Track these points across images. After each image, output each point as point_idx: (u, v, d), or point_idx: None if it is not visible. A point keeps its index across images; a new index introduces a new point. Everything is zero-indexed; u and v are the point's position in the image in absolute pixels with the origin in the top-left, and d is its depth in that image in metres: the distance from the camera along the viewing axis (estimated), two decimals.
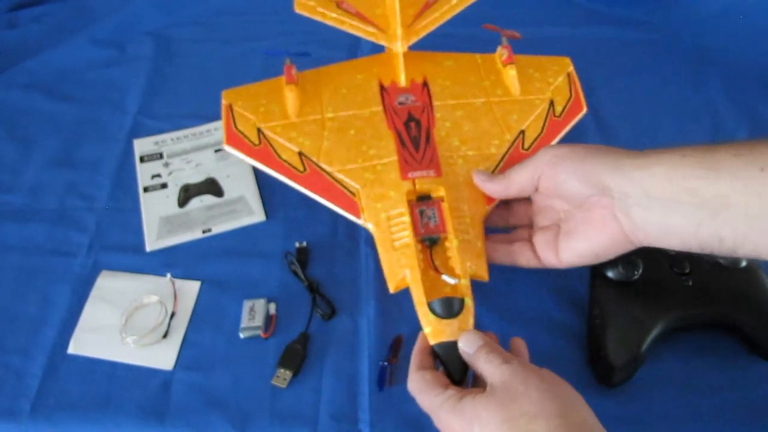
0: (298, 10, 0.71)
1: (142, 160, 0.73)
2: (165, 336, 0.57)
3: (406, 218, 0.55)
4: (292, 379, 0.54)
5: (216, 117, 0.77)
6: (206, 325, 0.58)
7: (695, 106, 0.79)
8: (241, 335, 0.57)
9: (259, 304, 0.59)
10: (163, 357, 0.56)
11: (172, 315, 0.58)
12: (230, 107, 0.67)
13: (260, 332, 0.57)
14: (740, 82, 0.81)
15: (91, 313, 0.59)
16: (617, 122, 0.76)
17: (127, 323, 0.58)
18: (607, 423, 0.51)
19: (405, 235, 0.54)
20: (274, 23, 0.92)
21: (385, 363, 0.53)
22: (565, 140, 0.63)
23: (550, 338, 0.56)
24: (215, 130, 0.76)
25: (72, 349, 0.57)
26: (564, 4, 0.94)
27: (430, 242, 0.54)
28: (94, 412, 0.53)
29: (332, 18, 0.70)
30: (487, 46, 0.71)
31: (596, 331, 0.53)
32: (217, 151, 0.73)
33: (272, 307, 0.59)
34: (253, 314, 0.58)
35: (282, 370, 0.54)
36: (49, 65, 0.86)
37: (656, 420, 0.51)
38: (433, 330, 0.49)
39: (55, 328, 0.58)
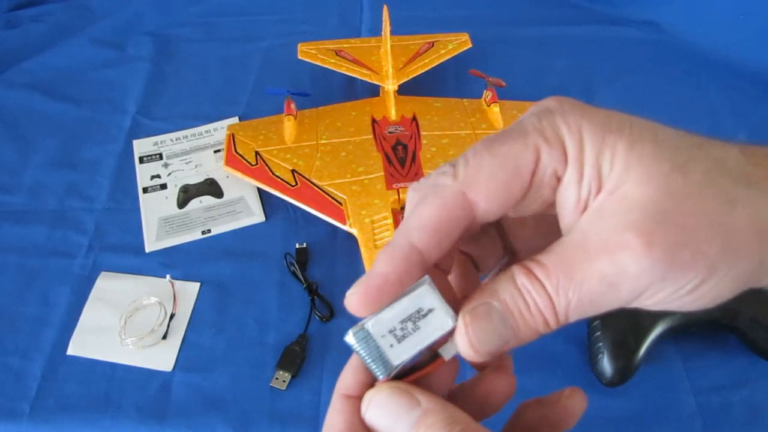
0: (301, 57, 0.77)
1: (141, 160, 0.73)
2: (164, 337, 0.57)
3: (389, 220, 0.58)
4: (292, 381, 0.54)
5: (215, 118, 0.77)
6: (205, 326, 0.58)
7: (694, 106, 0.78)
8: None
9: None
10: (162, 358, 0.56)
11: (172, 316, 0.58)
12: (232, 136, 0.70)
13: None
14: (740, 83, 0.80)
15: (91, 314, 0.59)
16: None
17: (126, 324, 0.58)
18: (607, 423, 0.51)
19: (387, 235, 0.57)
20: (274, 23, 0.92)
21: None
22: None
23: (551, 339, 0.56)
24: (215, 130, 0.76)
25: (71, 350, 0.57)
26: (564, 4, 0.93)
27: None
28: (94, 414, 0.53)
29: (331, 63, 0.76)
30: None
31: (596, 331, 0.53)
32: (216, 151, 0.73)
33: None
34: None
35: (281, 372, 0.54)
36: (49, 65, 0.86)
37: (656, 420, 0.51)
38: None
39: (55, 329, 0.58)
